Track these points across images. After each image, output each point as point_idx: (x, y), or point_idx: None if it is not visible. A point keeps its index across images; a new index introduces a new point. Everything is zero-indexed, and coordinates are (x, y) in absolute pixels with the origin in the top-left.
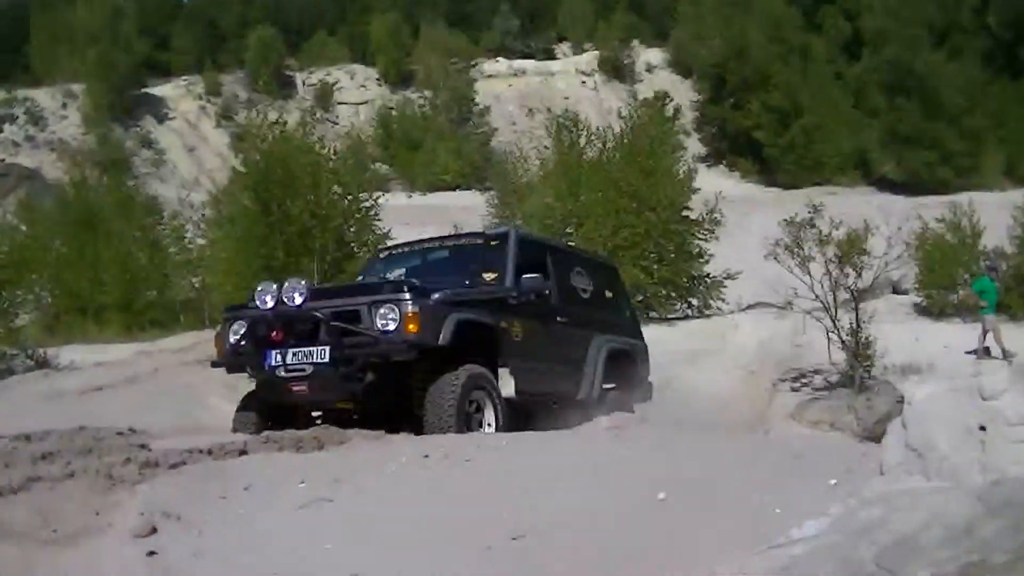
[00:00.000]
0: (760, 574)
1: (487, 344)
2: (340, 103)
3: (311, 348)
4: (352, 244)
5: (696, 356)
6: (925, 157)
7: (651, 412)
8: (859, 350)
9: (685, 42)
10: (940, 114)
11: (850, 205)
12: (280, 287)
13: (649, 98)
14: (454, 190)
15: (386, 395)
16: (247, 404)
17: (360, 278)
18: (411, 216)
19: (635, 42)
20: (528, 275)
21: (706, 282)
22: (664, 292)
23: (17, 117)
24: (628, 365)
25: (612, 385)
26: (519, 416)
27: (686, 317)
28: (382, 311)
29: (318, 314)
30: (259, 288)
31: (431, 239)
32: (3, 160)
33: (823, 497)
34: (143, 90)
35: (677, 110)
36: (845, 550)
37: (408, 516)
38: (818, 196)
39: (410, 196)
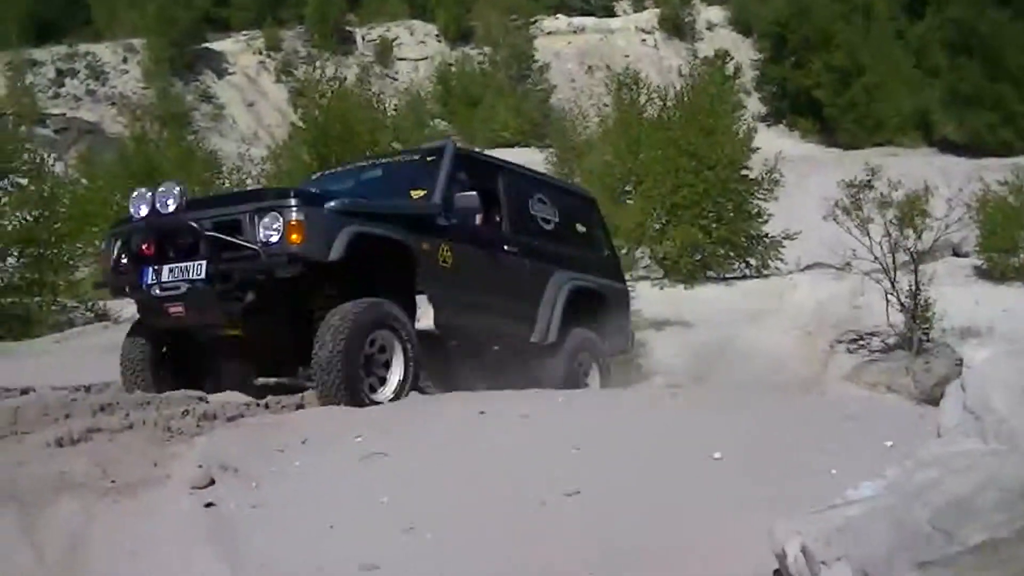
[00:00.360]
0: (816, 534)
1: (403, 270)
2: (399, 59)
3: (188, 264)
4: None
5: (754, 316)
6: (987, 118)
7: (708, 371)
8: (917, 312)
9: (746, 0)
10: (1003, 75)
11: (910, 166)
12: (154, 193)
13: (709, 56)
14: (513, 147)
15: (275, 322)
16: (136, 330)
17: None
18: None
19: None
20: (463, 193)
21: (764, 242)
22: (722, 251)
23: (78, 72)
24: (599, 308)
25: (580, 328)
26: (452, 363)
27: (744, 277)
28: (265, 220)
29: (192, 223)
30: (134, 195)
31: (367, 158)
32: (64, 115)
33: (879, 459)
34: (203, 45)
35: (737, 69)
36: (900, 511)
37: (463, 471)
38: (878, 157)
39: None
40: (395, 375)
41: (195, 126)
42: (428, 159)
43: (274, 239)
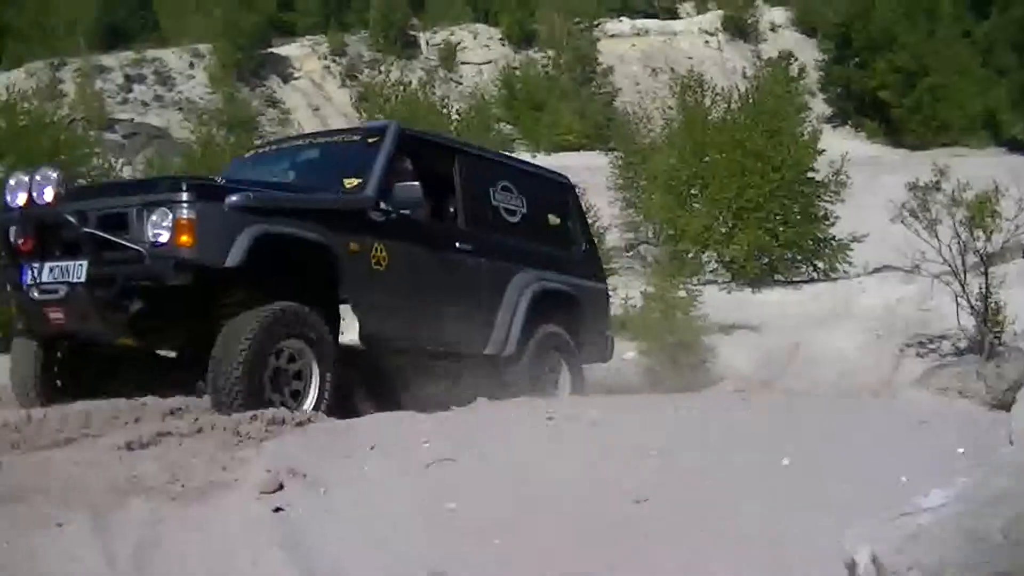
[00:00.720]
0: (887, 543)
1: (323, 275)
2: (463, 63)
3: (68, 263)
4: None
5: (822, 320)
6: None
7: (776, 375)
8: (989, 315)
9: (810, 1)
10: None
11: (978, 167)
12: (31, 179)
13: (773, 58)
14: (578, 151)
15: (170, 333)
16: (23, 332)
17: None
18: None
19: (759, 1)
20: (403, 183)
21: (832, 245)
22: (789, 255)
23: (146, 77)
24: (571, 312)
25: (550, 333)
26: (385, 381)
27: (812, 280)
28: (154, 217)
29: (69, 217)
30: (11, 181)
31: (302, 135)
32: (132, 120)
33: (950, 465)
34: (269, 50)
35: (802, 70)
36: (972, 520)
37: (531, 478)
38: (945, 158)
39: (534, 156)
40: (311, 389)
41: (261, 131)
42: (369, 140)
43: (163, 239)
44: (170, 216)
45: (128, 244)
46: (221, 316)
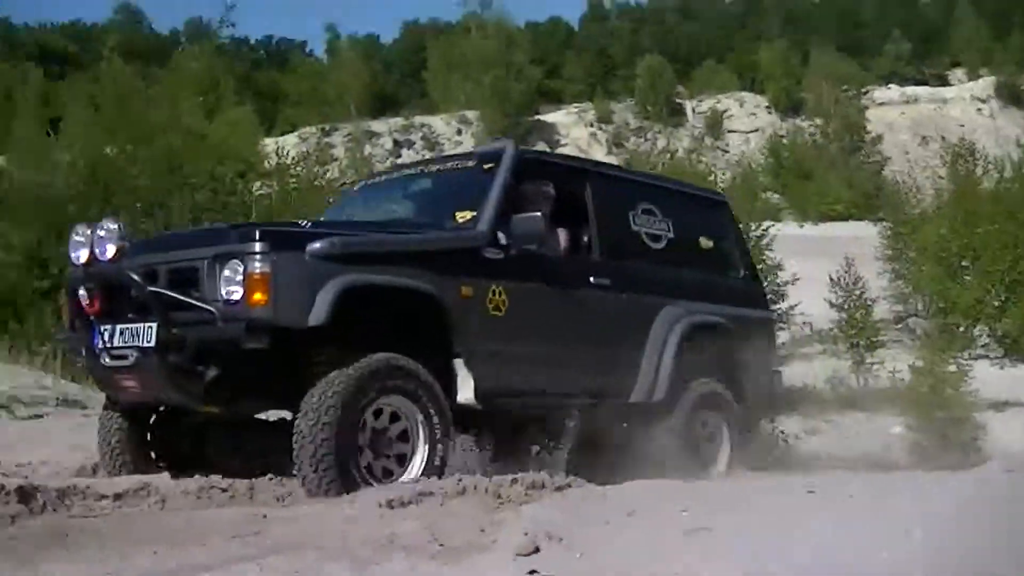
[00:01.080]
0: None
1: (430, 327)
2: (730, 131)
3: (138, 326)
4: None
5: None
6: None
7: None
8: None
9: None
10: None
11: None
12: (93, 233)
13: None
14: (846, 220)
15: (259, 398)
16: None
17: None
18: (803, 246)
19: None
20: (523, 215)
21: None
22: None
23: (414, 143)
24: (731, 348)
25: (704, 379)
26: (518, 439)
27: None
28: (227, 271)
29: (133, 275)
30: (74, 236)
31: (415, 164)
32: None
33: None
34: (536, 117)
35: None
36: None
37: (787, 552)
38: None
39: (801, 226)
40: (420, 451)
41: None
42: (485, 167)
43: (235, 296)
44: (242, 270)
45: (197, 304)
46: (313, 376)
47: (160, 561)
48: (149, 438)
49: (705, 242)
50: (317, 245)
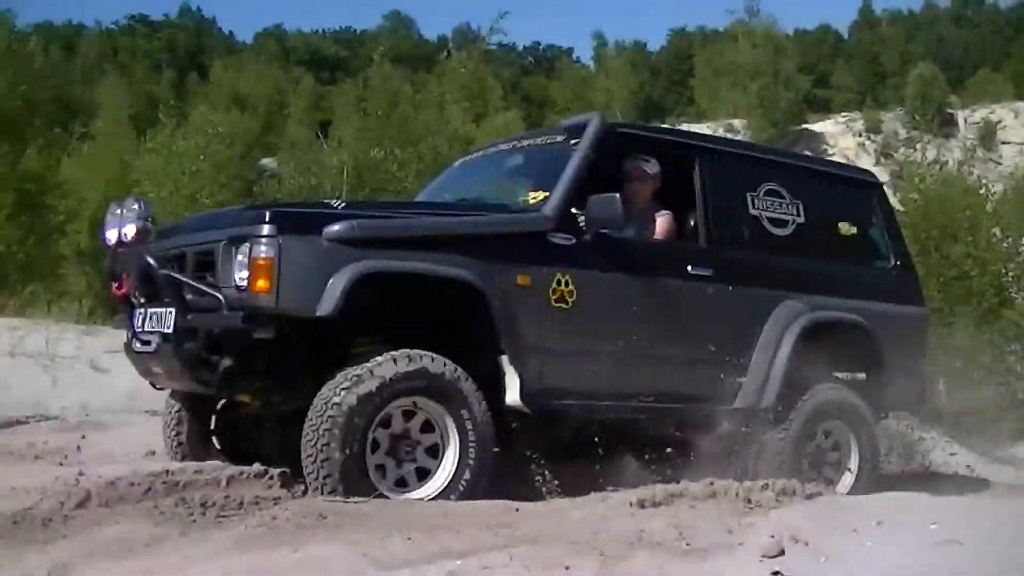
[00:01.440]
0: None
1: (472, 321)
2: (1003, 142)
3: (162, 310)
4: (1009, 290)
5: None
6: None
7: None
8: None
9: None
10: None
11: None
12: (122, 212)
13: None
14: None
15: (288, 389)
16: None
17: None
18: None
19: None
20: (600, 196)
21: None
22: None
23: None
24: (868, 349)
25: (831, 384)
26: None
27: None
28: (239, 255)
29: (148, 257)
30: (107, 215)
31: (510, 138)
32: None
33: None
34: (803, 126)
35: None
36: None
37: None
38: None
39: None
40: (447, 464)
41: None
42: (572, 142)
43: (245, 282)
44: (248, 254)
45: (206, 289)
46: (335, 370)
47: (415, 547)
48: (212, 427)
49: (846, 228)
50: (335, 228)
